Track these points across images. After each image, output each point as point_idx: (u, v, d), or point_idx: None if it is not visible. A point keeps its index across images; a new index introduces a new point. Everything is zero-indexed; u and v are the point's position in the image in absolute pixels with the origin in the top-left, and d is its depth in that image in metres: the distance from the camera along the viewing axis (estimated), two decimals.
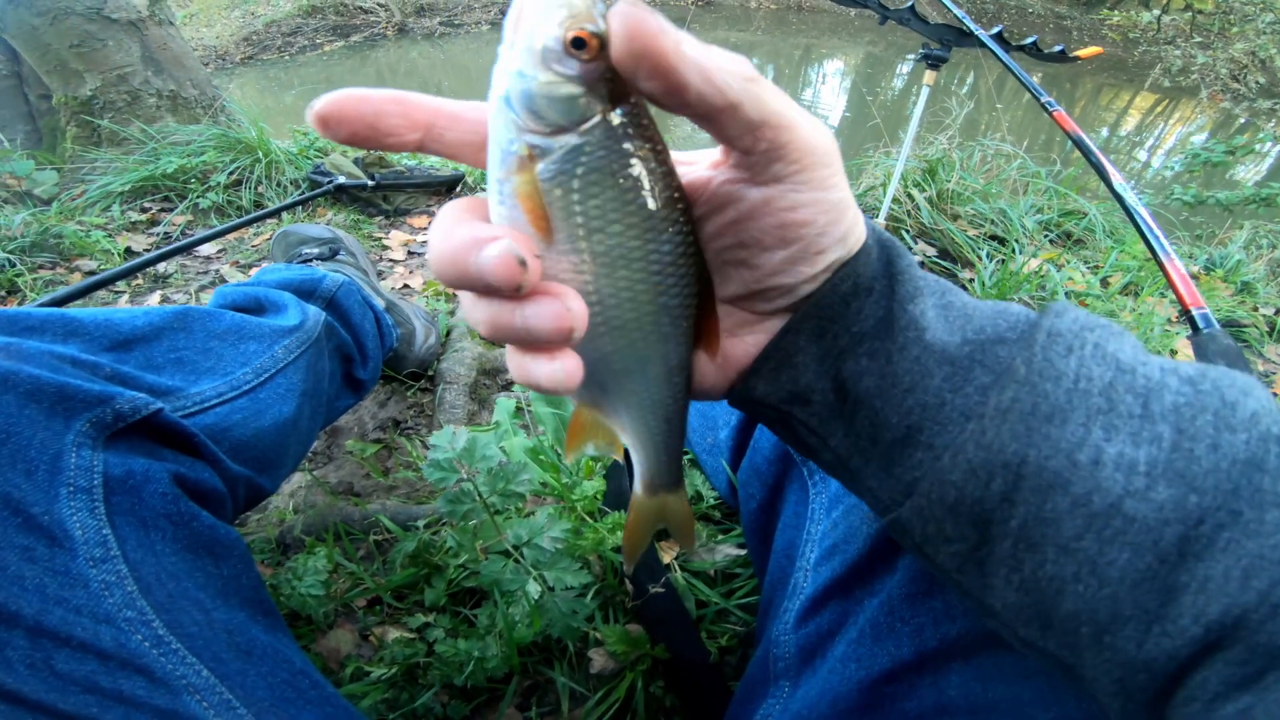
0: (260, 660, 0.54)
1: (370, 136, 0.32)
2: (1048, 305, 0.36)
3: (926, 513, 0.34)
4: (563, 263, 0.32)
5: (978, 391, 0.34)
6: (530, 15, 0.29)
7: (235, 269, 1.88)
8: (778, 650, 0.60)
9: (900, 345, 0.35)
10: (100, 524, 0.47)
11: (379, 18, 9.28)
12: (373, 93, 0.31)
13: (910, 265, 0.37)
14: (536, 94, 0.29)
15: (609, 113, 0.30)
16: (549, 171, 0.30)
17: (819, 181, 0.32)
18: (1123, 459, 0.31)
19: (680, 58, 0.26)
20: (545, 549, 0.69)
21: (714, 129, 0.30)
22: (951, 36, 1.61)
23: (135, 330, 0.66)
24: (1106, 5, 10.23)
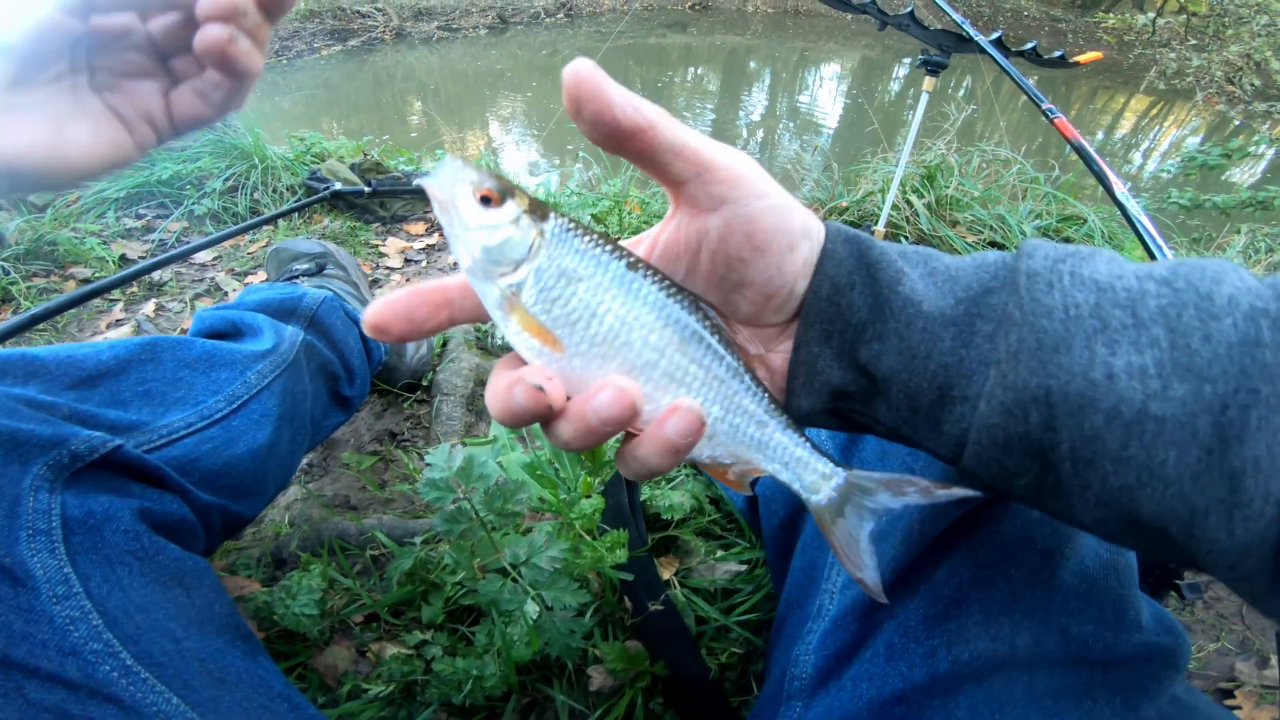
0: (236, 686, 0.55)
1: (414, 329, 0.38)
2: (1019, 246, 0.39)
3: (984, 456, 0.36)
4: (589, 356, 0.38)
5: (986, 340, 0.36)
6: (447, 201, 0.36)
7: (231, 276, 1.87)
8: (795, 670, 0.60)
9: (905, 323, 0.38)
10: (61, 563, 0.50)
11: (376, 22, 9.28)
12: (395, 297, 0.38)
13: (884, 253, 0.39)
14: (485, 248, 0.36)
15: (543, 229, 0.37)
16: (530, 298, 0.37)
17: (756, 191, 0.37)
18: (1132, 367, 0.33)
19: (608, 87, 0.33)
20: (543, 569, 0.68)
21: (647, 163, 0.36)
22: (951, 42, 1.61)
23: (100, 365, 0.67)
24: (1102, 8, 10.27)
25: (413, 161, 2.55)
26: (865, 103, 6.77)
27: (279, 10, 0.50)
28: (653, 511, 0.91)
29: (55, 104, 0.47)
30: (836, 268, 0.38)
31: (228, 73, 0.50)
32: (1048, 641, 0.49)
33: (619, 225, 2.14)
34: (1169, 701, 0.49)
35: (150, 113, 0.51)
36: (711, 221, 0.37)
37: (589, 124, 0.34)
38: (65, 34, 0.46)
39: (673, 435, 0.36)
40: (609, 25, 10.21)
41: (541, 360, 0.38)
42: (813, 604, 0.63)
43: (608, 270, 0.38)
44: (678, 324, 0.39)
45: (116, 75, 0.50)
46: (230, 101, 0.52)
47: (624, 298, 0.38)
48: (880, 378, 0.39)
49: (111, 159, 0.50)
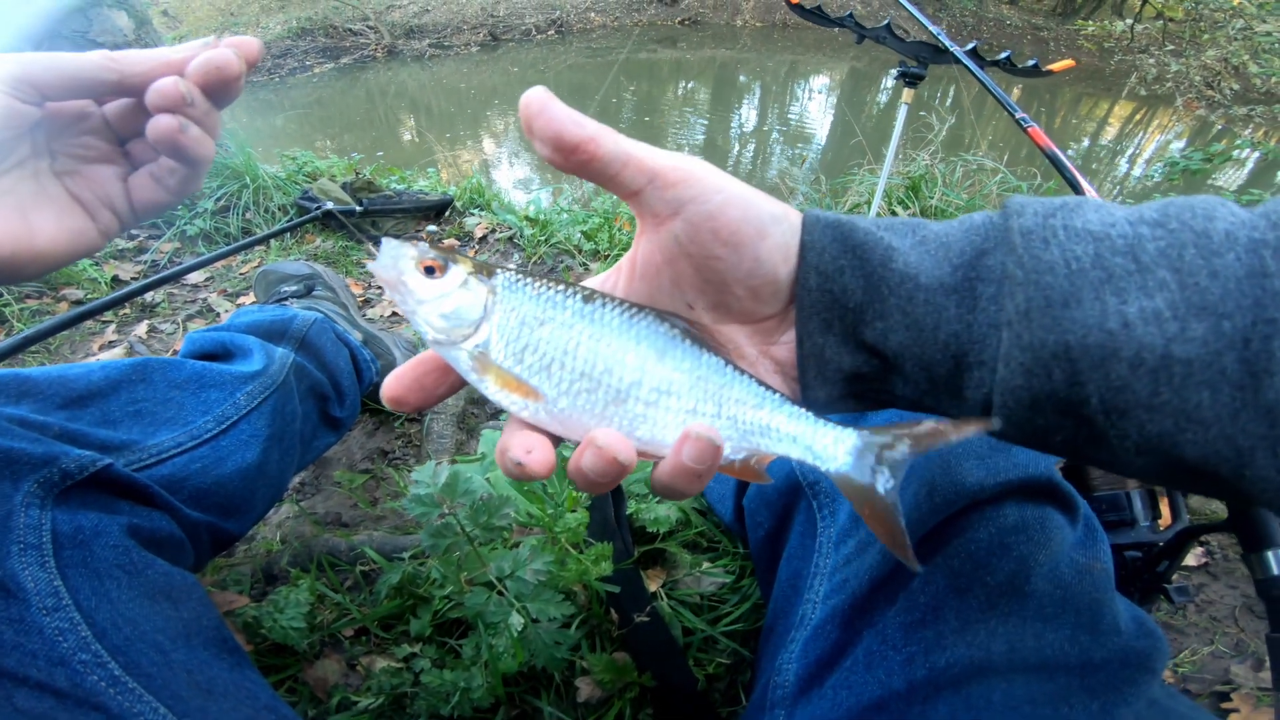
0: (223, 697, 0.56)
1: (428, 396, 0.41)
2: (1005, 205, 0.39)
3: (1014, 417, 0.36)
4: (574, 394, 0.39)
5: (990, 303, 0.36)
6: (395, 280, 0.39)
7: (223, 297, 1.88)
8: (778, 678, 0.61)
9: (906, 297, 0.37)
10: (51, 576, 0.51)
11: (368, 40, 9.36)
12: (402, 371, 0.41)
13: (869, 233, 0.39)
14: (441, 316, 0.38)
15: (493, 286, 0.39)
16: (500, 354, 0.39)
17: (711, 187, 0.38)
18: (1146, 312, 0.32)
19: (555, 106, 0.36)
20: (528, 581, 0.70)
21: (599, 175, 0.38)
22: (927, 54, 1.64)
23: (90, 386, 0.69)
24: (1081, 16, 10.42)
25: (405, 180, 2.58)
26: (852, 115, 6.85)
27: (225, 98, 0.51)
28: (639, 525, 0.93)
29: (19, 191, 0.48)
30: (819, 256, 0.39)
31: (180, 160, 0.51)
32: (1023, 648, 0.50)
33: (609, 241, 2.16)
34: (1146, 705, 0.50)
35: (110, 198, 0.52)
36: (676, 227, 0.39)
37: (540, 140, 0.37)
38: (22, 119, 0.46)
39: (691, 463, 0.37)
40: (600, 42, 10.31)
41: (528, 412, 0.39)
42: (797, 613, 0.64)
43: (566, 308, 0.40)
44: (649, 339, 0.40)
45: (76, 160, 0.51)
46: (186, 186, 0.53)
47: (590, 329, 0.39)
48: (891, 355, 0.39)
49: (77, 246, 0.50)
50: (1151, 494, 0.83)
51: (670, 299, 0.42)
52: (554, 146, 0.36)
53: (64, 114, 0.49)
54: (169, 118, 0.47)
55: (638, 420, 0.40)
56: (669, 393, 0.40)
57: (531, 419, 0.40)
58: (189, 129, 0.48)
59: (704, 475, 0.38)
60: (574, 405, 0.39)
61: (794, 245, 0.39)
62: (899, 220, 0.41)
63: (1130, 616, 0.55)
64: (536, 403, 0.39)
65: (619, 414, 0.40)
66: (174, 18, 9.34)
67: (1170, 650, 1.03)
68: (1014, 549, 0.54)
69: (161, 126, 0.48)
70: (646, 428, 0.40)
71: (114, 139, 0.52)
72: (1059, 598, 0.53)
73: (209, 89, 0.48)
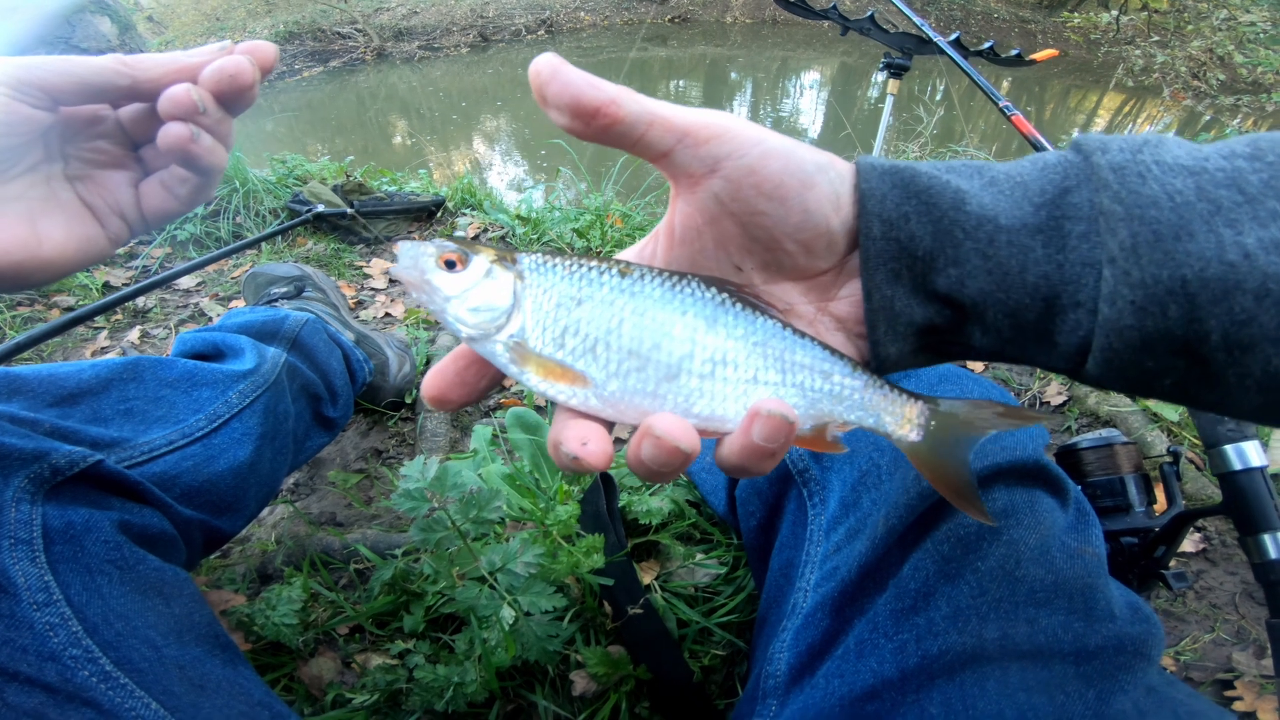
0: (215, 693, 0.56)
1: (471, 391, 0.40)
2: (1076, 143, 0.37)
3: (1117, 361, 0.34)
4: (624, 375, 0.37)
5: (1081, 241, 0.34)
6: (418, 281, 0.37)
7: (215, 301, 1.88)
8: (770, 668, 0.61)
9: (986, 240, 0.36)
10: (42, 571, 0.51)
11: (357, 43, 9.34)
12: (442, 366, 0.39)
13: (933, 177, 0.37)
14: (471, 310, 0.37)
15: (519, 271, 0.38)
16: (538, 341, 0.37)
17: (747, 140, 0.36)
18: (1264, 242, 0.31)
19: (569, 71, 0.35)
20: (519, 574, 0.70)
21: (624, 140, 0.36)
22: (912, 44, 1.65)
23: (81, 384, 0.69)
24: (1068, 7, 10.45)
25: (395, 182, 2.57)
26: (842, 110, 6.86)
27: (239, 106, 0.50)
28: (631, 517, 0.93)
29: (30, 197, 0.47)
30: (880, 204, 0.37)
31: (192, 169, 0.50)
32: (1016, 634, 0.50)
33: (600, 239, 2.16)
34: (1144, 693, 0.50)
35: (121, 205, 0.51)
36: (714, 185, 0.37)
37: (555, 108, 0.35)
38: (34, 125, 0.46)
39: (763, 442, 0.35)
40: (590, 41, 10.30)
41: (578, 400, 0.37)
42: (788, 602, 0.64)
43: (603, 284, 0.38)
44: (696, 307, 0.38)
45: (89, 165, 0.50)
46: (197, 195, 0.52)
47: (632, 303, 0.37)
48: (969, 303, 0.37)
49: (86, 254, 0.49)
50: (1146, 479, 0.83)
51: (716, 262, 0.41)
52: (572, 113, 0.35)
53: (78, 118, 0.49)
54: (181, 126, 0.47)
55: (694, 396, 0.38)
56: (725, 362, 0.38)
57: (582, 406, 0.38)
58: (201, 138, 0.47)
59: (778, 453, 0.36)
60: (625, 387, 0.37)
61: (844, 193, 0.37)
62: (958, 163, 0.39)
63: (1125, 602, 0.55)
64: (585, 389, 0.37)
65: (673, 391, 0.37)
66: (159, 23, 9.30)
67: (1165, 636, 1.03)
68: (1004, 533, 0.54)
69: (173, 135, 0.47)
70: (704, 403, 0.38)
71: (128, 144, 0.51)
72: (1050, 583, 0.52)
73: (222, 96, 0.47)
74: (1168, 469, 0.83)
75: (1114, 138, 0.36)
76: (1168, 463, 0.84)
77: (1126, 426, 1.36)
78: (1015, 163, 0.39)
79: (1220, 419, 0.75)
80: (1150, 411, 1.39)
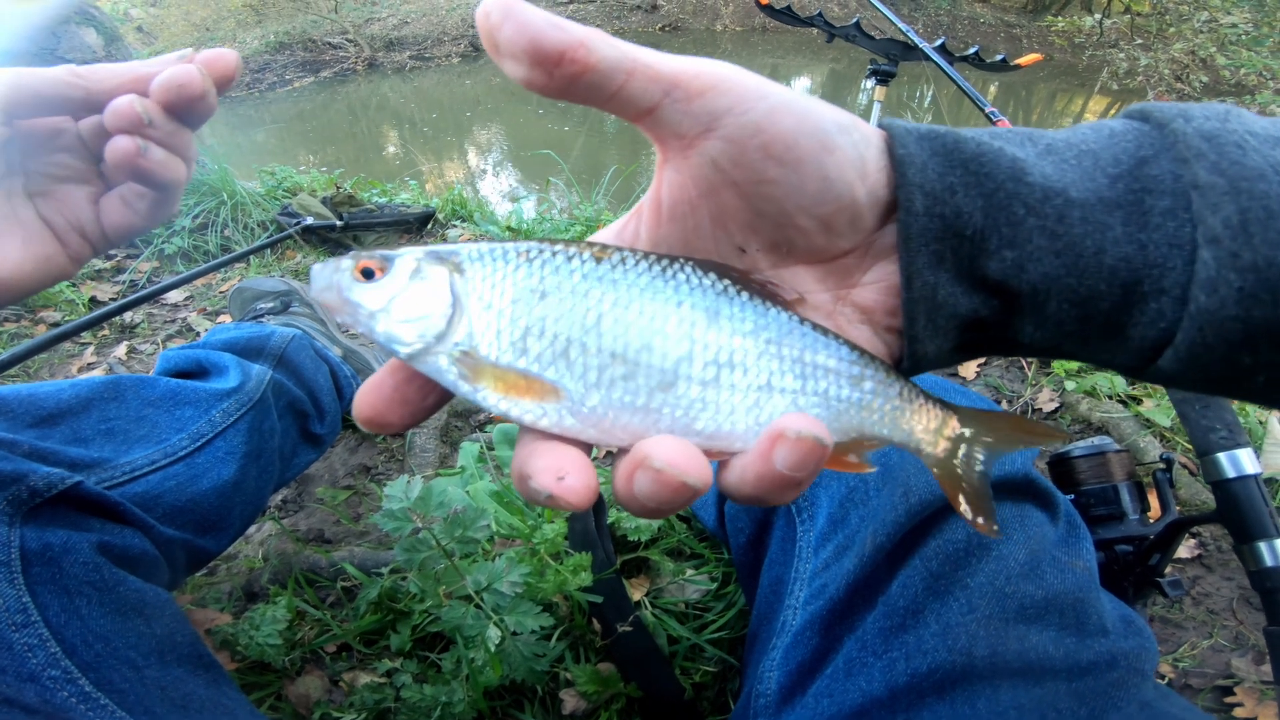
0: (199, 713, 0.56)
1: (414, 411, 0.33)
2: (1143, 111, 0.33)
3: (1207, 357, 0.30)
4: (605, 385, 0.30)
5: (1167, 217, 0.30)
6: (339, 300, 0.31)
7: (203, 316, 1.86)
8: (760, 687, 0.60)
9: (1056, 216, 0.30)
10: (20, 593, 0.51)
11: (348, 53, 9.35)
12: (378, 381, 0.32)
13: (983, 144, 0.32)
14: (403, 321, 0.30)
15: (456, 263, 0.31)
16: (492, 346, 0.30)
17: (751, 93, 0.30)
18: None
19: (523, 8, 0.28)
20: (505, 593, 0.69)
21: (598, 95, 0.29)
22: (897, 51, 1.65)
23: (61, 404, 0.69)
24: (1051, 12, 10.56)
25: (386, 193, 2.56)
26: None
27: (194, 117, 0.46)
28: (620, 533, 0.92)
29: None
30: (921, 173, 0.31)
31: (146, 183, 0.47)
32: (1006, 651, 0.49)
33: None
34: (1138, 709, 0.49)
35: (82, 222, 0.49)
36: (711, 147, 0.30)
37: (510, 56, 0.28)
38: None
39: (788, 470, 0.28)
40: None
41: (548, 420, 0.30)
42: (778, 619, 0.63)
43: (572, 270, 0.31)
44: (694, 297, 0.31)
45: (49, 180, 0.48)
46: (158, 211, 0.50)
47: (613, 293, 0.30)
48: (1026, 290, 0.31)
49: (46, 274, 0.48)
50: (1139, 486, 0.83)
51: (714, 242, 0.34)
52: (531, 60, 0.28)
53: (37, 130, 0.47)
54: (127, 140, 0.44)
55: (695, 408, 0.30)
56: (732, 365, 0.31)
57: (554, 428, 0.30)
58: (150, 151, 0.45)
59: (804, 483, 0.29)
60: (608, 400, 0.30)
61: (872, 159, 0.32)
62: (1002, 129, 0.33)
63: (1117, 616, 0.55)
64: (557, 404, 0.30)
65: (670, 404, 0.30)
66: (149, 33, 9.30)
67: (1163, 643, 1.03)
68: (993, 549, 0.54)
69: (119, 150, 0.44)
70: (708, 416, 0.30)
71: (89, 157, 0.49)
72: (1041, 598, 0.52)
73: (172, 108, 0.45)
74: (1161, 476, 0.83)
75: (1190, 105, 0.32)
76: (1161, 470, 0.83)
77: (1119, 434, 1.36)
78: (1071, 129, 0.34)
79: (1212, 427, 0.74)
80: (1143, 418, 1.39)
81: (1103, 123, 0.34)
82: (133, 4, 9.49)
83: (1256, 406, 1.41)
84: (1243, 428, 0.74)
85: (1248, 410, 1.38)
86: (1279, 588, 0.68)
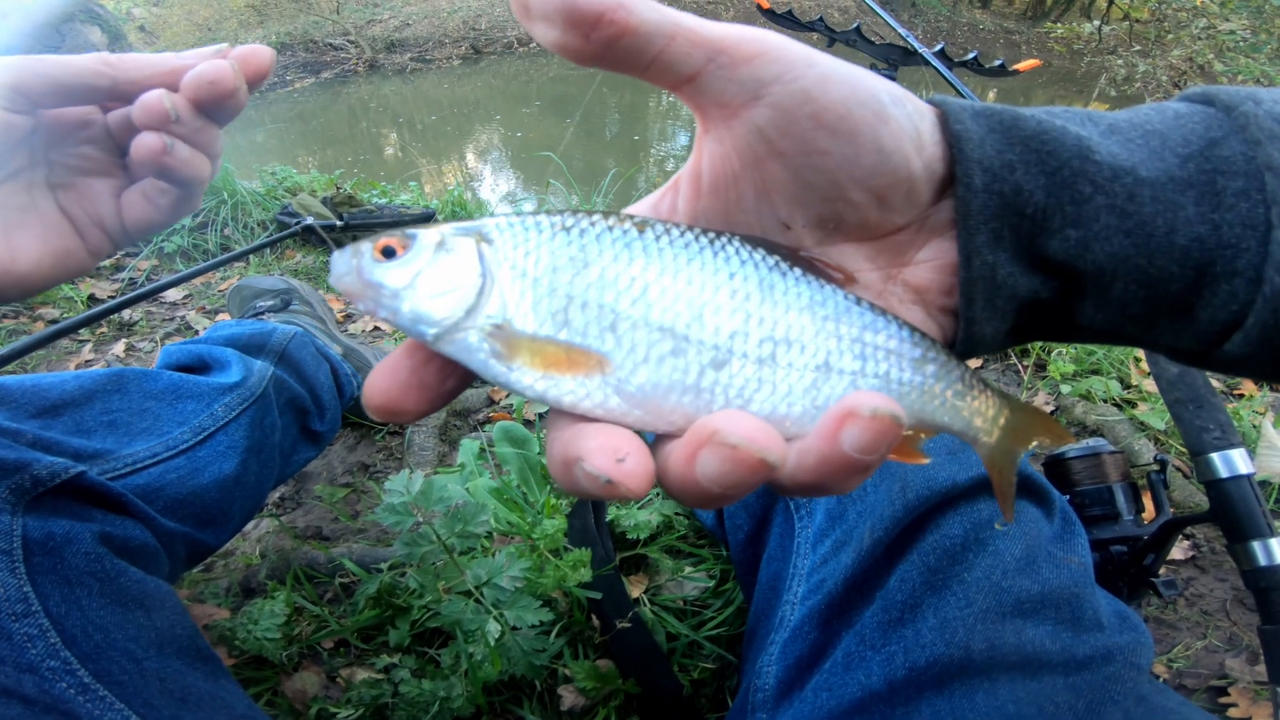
0: (197, 706, 0.55)
1: (432, 396, 0.30)
2: (1206, 95, 0.33)
3: (1279, 337, 0.30)
4: (655, 358, 0.28)
5: (1240, 198, 0.29)
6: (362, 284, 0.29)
7: (201, 315, 1.86)
8: (759, 682, 0.60)
9: (1126, 195, 0.30)
10: (21, 582, 0.51)
11: (349, 55, 9.37)
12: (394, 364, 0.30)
13: (1043, 122, 0.31)
14: (431, 296, 0.28)
15: (483, 233, 0.29)
16: (527, 317, 0.28)
17: (799, 60, 0.29)
18: None
19: None
20: (505, 588, 0.69)
21: (638, 62, 0.28)
22: (897, 56, 1.66)
23: (64, 395, 0.69)
24: (1051, 19, 10.61)
25: (386, 194, 2.57)
26: None
27: (223, 114, 0.46)
28: (620, 530, 0.92)
29: (7, 206, 0.45)
30: (980, 149, 0.30)
31: (169, 180, 0.47)
32: (1003, 645, 0.50)
33: None
34: (1135, 703, 0.50)
35: (102, 216, 0.49)
36: (758, 116, 0.29)
37: (542, 18, 0.27)
38: (11, 130, 0.43)
39: (857, 453, 0.25)
40: None
41: (591, 401, 0.28)
42: (776, 615, 0.63)
43: (614, 239, 0.29)
44: (745, 269, 0.29)
45: (72, 172, 0.48)
46: (180, 207, 0.49)
47: (660, 264, 0.29)
48: (1091, 271, 0.31)
49: (64, 269, 0.47)
50: (1134, 487, 0.84)
51: (757, 217, 0.32)
52: (566, 21, 0.26)
53: (65, 121, 0.46)
54: (154, 137, 0.44)
55: (749, 388, 0.28)
56: (789, 342, 0.29)
57: (597, 409, 0.28)
58: (177, 148, 0.44)
59: (871, 468, 0.26)
60: (657, 376, 0.28)
61: (928, 132, 0.31)
62: (1062, 109, 0.33)
63: (1112, 611, 0.55)
64: (602, 380, 0.27)
65: (723, 383, 0.28)
66: (151, 33, 9.31)
67: (1158, 643, 1.04)
68: (989, 544, 0.54)
69: (145, 146, 0.44)
70: (763, 395, 0.29)
71: (114, 149, 0.49)
72: (1037, 593, 0.52)
73: (202, 104, 0.44)
74: (1155, 477, 0.83)
75: (1256, 89, 0.32)
76: (1155, 471, 0.84)
77: (1113, 435, 1.37)
78: (1132, 110, 0.33)
79: (1206, 427, 0.75)
80: (1137, 421, 1.40)
81: (1164, 105, 0.33)
82: (135, 3, 9.50)
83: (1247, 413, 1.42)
84: (1236, 429, 0.75)
85: (1241, 414, 1.39)
86: (1272, 587, 0.69)
